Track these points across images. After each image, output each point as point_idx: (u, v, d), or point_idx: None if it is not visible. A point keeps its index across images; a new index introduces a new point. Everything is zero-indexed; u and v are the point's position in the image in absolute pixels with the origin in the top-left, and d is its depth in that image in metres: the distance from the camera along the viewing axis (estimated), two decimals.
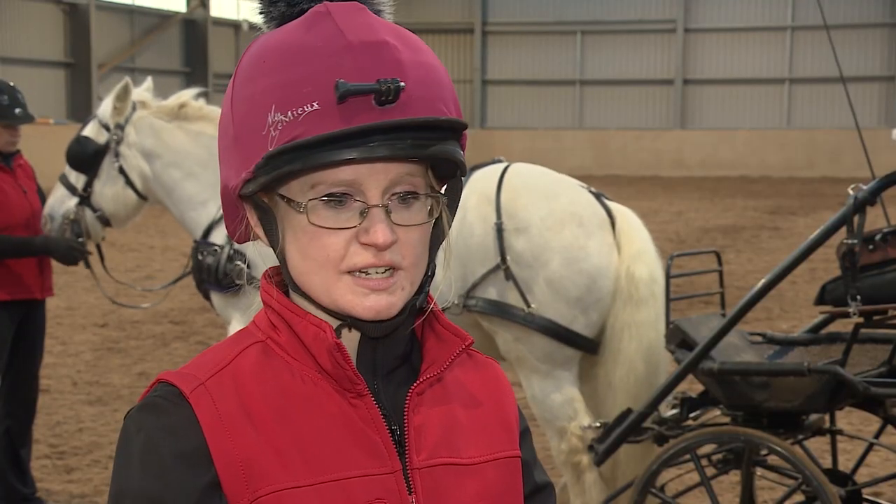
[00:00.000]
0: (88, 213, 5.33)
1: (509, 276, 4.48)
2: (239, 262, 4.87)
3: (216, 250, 4.95)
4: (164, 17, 32.59)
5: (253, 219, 1.36)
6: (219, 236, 5.01)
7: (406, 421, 1.35)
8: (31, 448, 5.75)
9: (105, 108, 5.32)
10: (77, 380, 8.44)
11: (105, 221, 5.38)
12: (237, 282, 4.83)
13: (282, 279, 1.39)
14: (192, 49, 33.23)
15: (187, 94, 5.29)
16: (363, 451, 1.32)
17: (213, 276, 4.92)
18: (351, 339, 1.35)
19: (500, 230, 4.48)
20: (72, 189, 5.33)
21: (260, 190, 1.31)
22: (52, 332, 9.97)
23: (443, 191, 1.38)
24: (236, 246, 4.89)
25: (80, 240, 5.33)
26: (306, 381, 1.33)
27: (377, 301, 1.30)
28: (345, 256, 1.29)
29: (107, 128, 5.28)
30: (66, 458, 6.55)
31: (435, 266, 1.39)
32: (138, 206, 5.41)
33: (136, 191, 5.30)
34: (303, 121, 1.26)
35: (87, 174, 5.30)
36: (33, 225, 5.47)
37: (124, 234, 5.39)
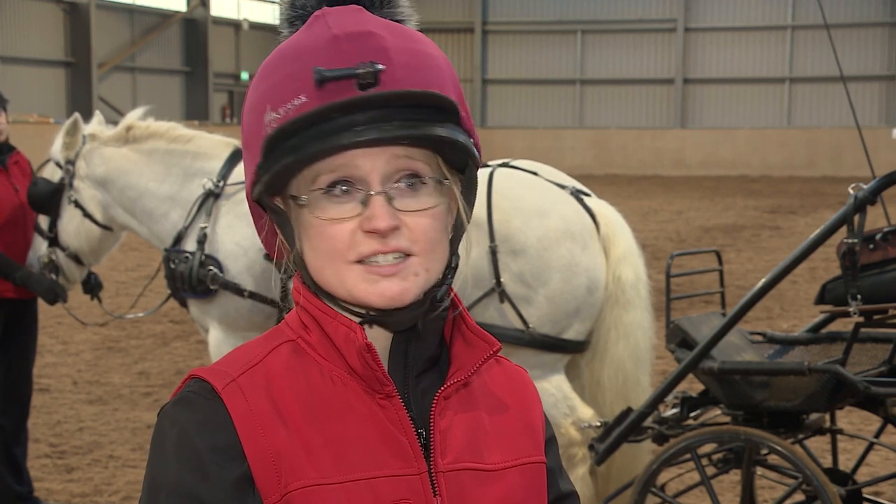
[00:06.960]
0: (60, 253, 5.38)
1: (504, 297, 4.50)
2: (212, 267, 4.89)
3: (187, 257, 4.95)
4: (164, 16, 32.58)
5: (273, 225, 1.37)
6: (189, 243, 5.02)
7: (432, 424, 1.36)
8: (27, 447, 5.75)
9: (56, 145, 5.35)
10: (77, 379, 8.44)
11: (77, 259, 5.41)
12: (211, 287, 4.86)
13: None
14: (192, 48, 33.23)
15: (133, 117, 5.29)
16: (390, 451, 1.33)
17: (187, 282, 4.93)
18: (383, 339, 1.36)
19: (494, 253, 4.49)
20: (42, 233, 5.38)
21: (268, 191, 1.32)
22: (52, 331, 9.98)
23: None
24: (207, 251, 4.93)
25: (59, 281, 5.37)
26: (336, 380, 1.34)
27: (389, 287, 1.30)
28: (351, 246, 1.30)
29: (59, 165, 5.31)
30: (67, 457, 6.55)
31: (458, 258, 1.38)
32: (104, 238, 5.42)
33: (95, 222, 5.33)
34: (291, 114, 1.28)
35: (49, 214, 5.35)
36: (22, 223, 5.48)
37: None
